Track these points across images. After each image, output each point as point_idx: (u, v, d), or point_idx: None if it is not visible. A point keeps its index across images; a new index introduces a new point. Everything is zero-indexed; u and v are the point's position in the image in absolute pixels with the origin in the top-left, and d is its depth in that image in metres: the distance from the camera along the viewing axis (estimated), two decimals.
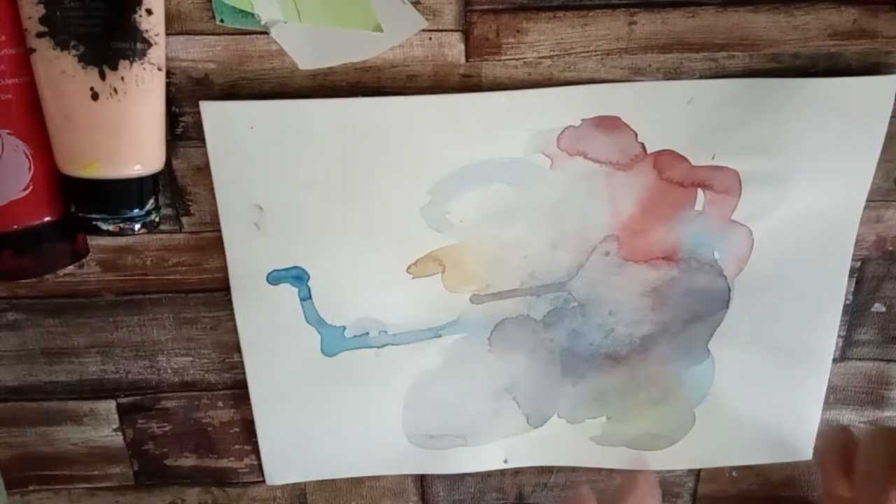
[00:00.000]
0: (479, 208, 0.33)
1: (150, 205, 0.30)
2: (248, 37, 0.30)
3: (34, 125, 0.29)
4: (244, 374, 0.36)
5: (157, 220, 0.31)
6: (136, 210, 0.30)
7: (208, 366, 0.37)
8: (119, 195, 0.29)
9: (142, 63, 0.28)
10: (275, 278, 0.34)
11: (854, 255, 0.36)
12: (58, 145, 0.29)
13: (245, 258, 0.33)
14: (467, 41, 0.31)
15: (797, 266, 0.35)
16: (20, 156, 0.29)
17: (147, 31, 0.28)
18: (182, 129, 0.32)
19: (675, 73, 0.32)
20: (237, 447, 0.39)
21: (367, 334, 0.35)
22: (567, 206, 0.34)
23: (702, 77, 0.32)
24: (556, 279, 0.35)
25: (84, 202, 0.29)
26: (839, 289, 0.36)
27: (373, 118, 0.31)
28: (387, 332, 0.35)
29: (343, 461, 0.39)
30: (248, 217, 0.33)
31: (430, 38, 0.31)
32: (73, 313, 0.35)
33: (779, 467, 0.41)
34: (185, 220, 0.34)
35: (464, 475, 0.40)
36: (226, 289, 0.34)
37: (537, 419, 0.38)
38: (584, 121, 0.32)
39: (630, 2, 0.31)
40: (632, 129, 0.32)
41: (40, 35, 0.27)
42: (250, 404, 0.37)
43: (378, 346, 0.36)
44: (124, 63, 0.27)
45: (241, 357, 0.36)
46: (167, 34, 0.29)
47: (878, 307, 0.37)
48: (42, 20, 0.27)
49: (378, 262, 0.34)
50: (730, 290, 0.36)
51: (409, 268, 0.34)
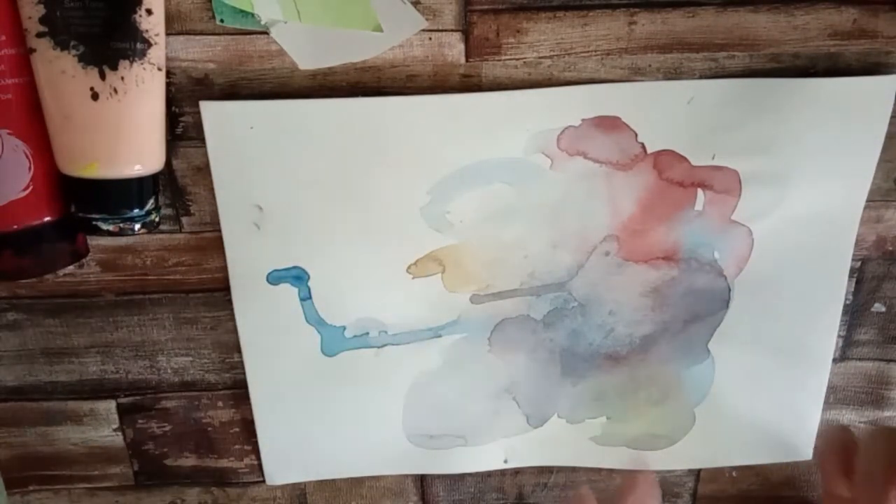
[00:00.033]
0: (479, 208, 0.33)
1: (150, 205, 0.30)
2: (248, 37, 0.30)
3: (34, 125, 0.29)
4: (244, 374, 0.36)
5: (157, 220, 0.31)
6: (136, 210, 0.30)
7: (208, 366, 0.37)
8: (119, 195, 0.29)
9: (142, 63, 0.28)
10: (275, 278, 0.34)
11: (854, 255, 0.36)
12: (58, 145, 0.29)
13: (245, 258, 0.33)
14: (467, 41, 0.31)
15: (797, 266, 0.35)
16: (20, 156, 0.29)
17: (147, 31, 0.28)
18: (182, 129, 0.32)
19: (675, 73, 0.32)
20: (237, 447, 0.39)
21: (367, 334, 0.35)
22: (567, 206, 0.34)
23: (702, 77, 0.32)
24: (556, 279, 0.35)
25: (84, 202, 0.29)
26: (839, 289, 0.36)
27: (373, 118, 0.31)
28: (387, 332, 0.35)
29: (343, 461, 0.39)
30: (248, 217, 0.33)
31: (430, 38, 0.31)
32: (73, 313, 0.35)
33: (779, 467, 0.41)
34: (185, 220, 0.34)
35: (464, 475, 0.40)
36: (226, 289, 0.34)
37: (537, 419, 0.38)
38: (584, 121, 0.32)
39: (630, 2, 0.31)
40: (632, 129, 0.32)
41: (40, 35, 0.27)
42: (250, 404, 0.37)
43: (378, 346, 0.36)
44: (124, 63, 0.27)
45: (241, 357, 0.36)
46: (167, 34, 0.29)
47: (878, 307, 0.37)
48: (42, 20, 0.27)
49: (378, 262, 0.34)
50: (730, 290, 0.36)
51: (409, 268, 0.34)
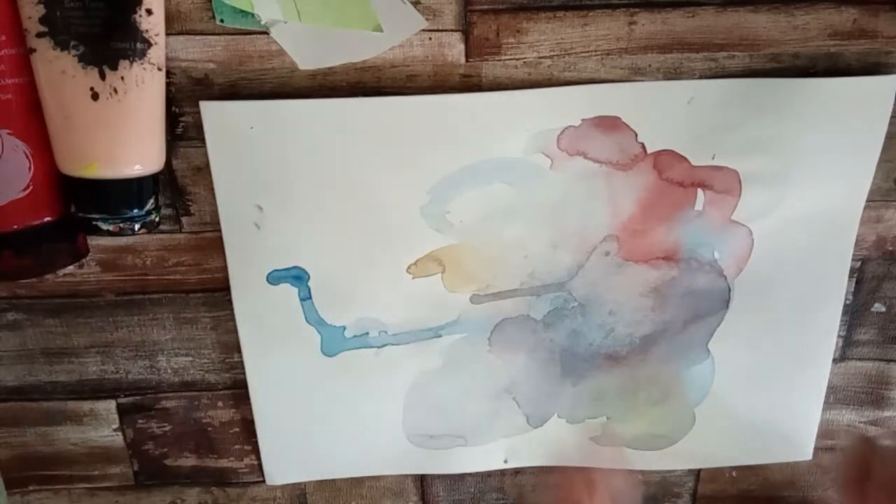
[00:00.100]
0: (479, 208, 0.33)
1: (150, 205, 0.30)
2: (248, 37, 0.30)
3: (34, 125, 0.29)
4: (244, 374, 0.36)
5: (157, 220, 0.31)
6: (135, 210, 0.30)
7: (208, 366, 0.37)
8: (119, 195, 0.29)
9: (142, 63, 0.28)
10: (275, 278, 0.34)
11: (854, 255, 0.36)
12: (58, 145, 0.29)
13: (245, 258, 0.33)
14: (467, 41, 0.31)
15: (797, 266, 0.35)
16: (20, 156, 0.29)
17: (147, 31, 0.28)
18: (182, 129, 0.32)
19: (675, 73, 0.32)
20: (237, 447, 0.39)
21: (367, 334, 0.35)
22: (567, 206, 0.34)
23: (702, 77, 0.32)
24: (556, 279, 0.35)
25: (84, 202, 0.29)
26: (839, 289, 0.36)
27: (373, 118, 0.31)
28: (387, 332, 0.35)
29: (343, 461, 0.39)
30: (248, 217, 0.33)
31: (430, 38, 0.31)
32: (73, 313, 0.35)
33: (779, 467, 0.41)
34: (185, 220, 0.34)
35: (464, 475, 0.40)
36: (226, 289, 0.34)
37: (537, 419, 0.38)
38: (584, 121, 0.32)
39: (630, 2, 0.31)
40: (632, 129, 0.32)
41: (40, 35, 0.27)
42: (250, 404, 0.37)
43: (378, 346, 0.36)
44: (124, 63, 0.27)
45: (241, 357, 0.36)
46: (167, 34, 0.29)
47: (878, 307, 0.37)
48: (42, 20, 0.27)
49: (378, 262, 0.34)
50: (730, 290, 0.36)
51: (409, 268, 0.34)
